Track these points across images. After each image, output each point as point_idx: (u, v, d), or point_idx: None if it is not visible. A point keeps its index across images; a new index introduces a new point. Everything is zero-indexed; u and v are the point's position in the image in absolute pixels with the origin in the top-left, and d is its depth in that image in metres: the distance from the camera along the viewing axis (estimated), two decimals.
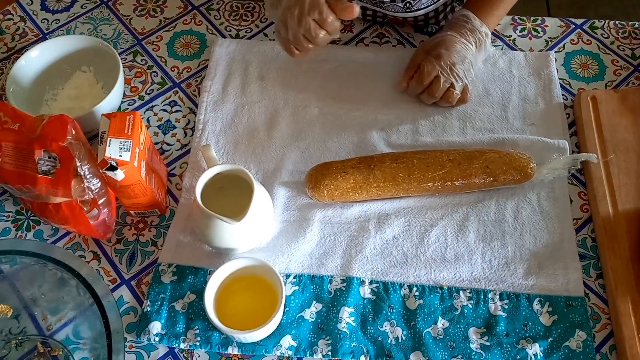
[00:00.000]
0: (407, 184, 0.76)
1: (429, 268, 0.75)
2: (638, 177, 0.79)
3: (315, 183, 0.76)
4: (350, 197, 0.78)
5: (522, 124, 0.86)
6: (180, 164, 0.85)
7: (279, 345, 0.70)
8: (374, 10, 0.94)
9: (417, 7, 0.90)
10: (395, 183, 0.76)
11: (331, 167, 0.77)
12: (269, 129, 0.87)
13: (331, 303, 0.73)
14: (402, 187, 0.76)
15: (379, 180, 0.76)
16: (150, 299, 0.74)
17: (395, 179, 0.76)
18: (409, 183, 0.76)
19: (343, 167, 0.77)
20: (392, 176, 0.76)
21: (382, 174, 0.76)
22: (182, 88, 0.92)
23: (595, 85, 0.90)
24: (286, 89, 0.91)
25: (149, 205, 0.77)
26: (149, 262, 0.77)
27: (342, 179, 0.76)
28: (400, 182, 0.76)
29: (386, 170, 0.76)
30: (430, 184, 0.77)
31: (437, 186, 0.77)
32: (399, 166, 0.76)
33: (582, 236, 0.78)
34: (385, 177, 0.76)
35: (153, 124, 0.89)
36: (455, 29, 0.86)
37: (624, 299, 0.71)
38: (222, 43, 0.96)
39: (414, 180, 0.76)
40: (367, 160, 0.77)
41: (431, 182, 0.76)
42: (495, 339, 0.70)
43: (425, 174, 0.76)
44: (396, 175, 0.76)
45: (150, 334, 0.71)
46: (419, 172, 0.76)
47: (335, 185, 0.76)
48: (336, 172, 0.76)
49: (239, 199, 0.73)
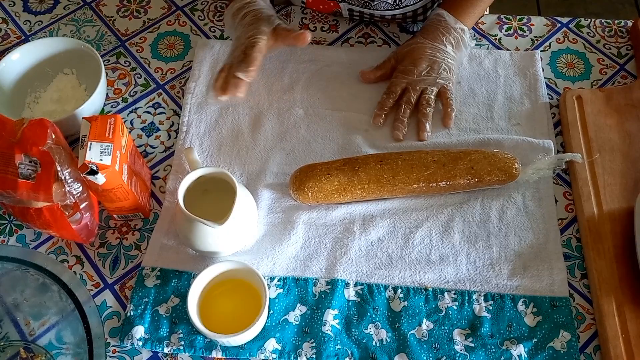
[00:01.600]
0: (391, 185, 0.76)
1: (414, 269, 0.75)
2: (623, 177, 0.79)
3: (300, 185, 0.76)
4: (335, 199, 0.77)
5: (507, 124, 0.86)
6: (164, 166, 0.85)
7: (263, 348, 0.70)
8: (361, 11, 0.94)
9: (406, 3, 0.90)
10: (380, 185, 0.76)
11: (315, 169, 0.77)
12: (253, 130, 0.86)
13: (315, 306, 0.73)
14: (387, 188, 0.77)
15: (364, 181, 0.76)
16: (133, 303, 0.73)
17: (379, 180, 0.76)
18: (393, 184, 0.76)
19: (327, 168, 0.77)
20: (376, 178, 0.76)
21: (367, 175, 0.76)
22: (166, 90, 0.92)
23: (581, 85, 0.90)
24: (271, 90, 0.90)
25: (132, 209, 0.77)
26: (132, 266, 0.77)
27: (326, 181, 0.76)
28: (385, 184, 0.76)
29: (370, 171, 0.76)
30: (415, 185, 0.77)
31: (421, 187, 0.77)
32: (383, 167, 0.76)
33: (567, 236, 0.77)
34: (370, 178, 0.76)
35: (136, 126, 0.88)
36: (427, 34, 0.87)
37: (608, 299, 0.71)
38: (206, 44, 0.95)
39: (399, 181, 0.76)
40: (352, 162, 0.77)
41: (416, 184, 0.76)
42: (480, 340, 0.70)
43: (410, 175, 0.76)
44: (380, 176, 0.76)
45: (133, 338, 0.70)
46: (403, 173, 0.76)
47: (320, 187, 0.76)
48: (320, 174, 0.76)
49: (222, 201, 0.72)
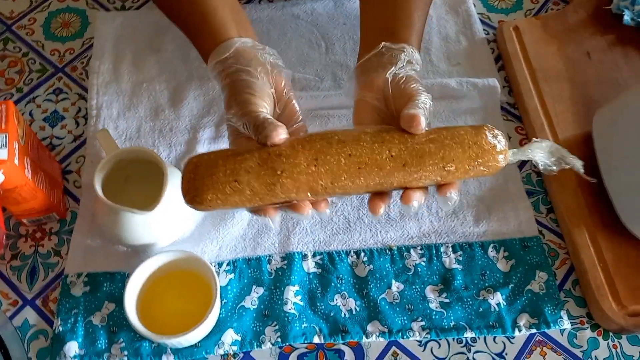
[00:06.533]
0: (329, 192, 0.51)
1: (375, 230, 0.69)
2: (573, 103, 0.76)
3: (194, 196, 0.50)
4: (250, 205, 0.52)
5: (447, 65, 0.81)
6: (75, 158, 0.74)
7: (221, 342, 0.62)
8: None
9: None
10: (314, 193, 0.51)
11: (217, 169, 0.50)
12: (174, 105, 0.77)
13: (273, 285, 0.65)
14: (323, 196, 0.52)
15: (290, 190, 0.50)
16: (61, 317, 0.63)
17: (312, 188, 0.50)
18: (332, 191, 0.51)
19: (234, 171, 0.49)
20: (308, 186, 0.50)
21: (294, 183, 0.50)
22: (67, 73, 0.81)
23: (514, 16, 0.87)
24: (187, 60, 0.81)
25: (44, 210, 0.66)
26: (53, 275, 0.66)
27: (233, 192, 0.49)
28: (321, 192, 0.51)
29: (300, 177, 0.50)
30: (362, 191, 0.52)
31: (369, 190, 0.52)
32: (318, 170, 0.50)
33: (526, 172, 0.74)
34: (299, 186, 0.50)
35: (37, 118, 0.77)
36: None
37: (579, 230, 0.67)
38: (106, 17, 0.84)
39: (339, 188, 0.51)
40: (272, 160, 0.50)
41: (364, 190, 0.52)
42: (455, 294, 0.65)
43: (356, 179, 0.50)
44: (315, 183, 0.50)
45: (67, 357, 0.61)
46: (347, 177, 0.50)
47: (224, 199, 0.50)
48: (224, 181, 0.49)
49: (151, 187, 0.63)
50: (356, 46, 0.81)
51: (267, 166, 0.49)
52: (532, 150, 0.51)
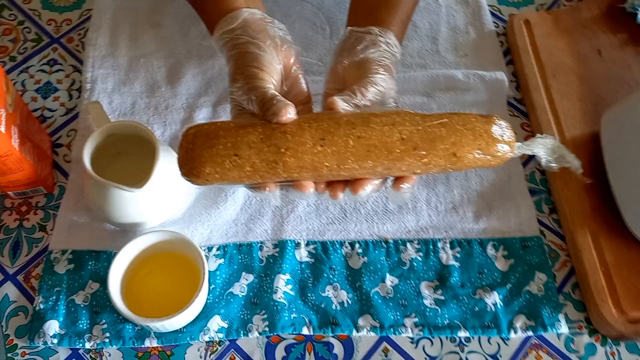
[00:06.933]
0: (334, 175, 0.48)
1: (371, 221, 0.67)
2: (581, 100, 0.73)
3: (191, 169, 0.47)
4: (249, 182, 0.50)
5: (454, 56, 0.79)
6: (67, 131, 0.72)
7: (207, 329, 0.60)
8: None
9: None
10: (318, 174, 0.48)
11: (218, 141, 0.47)
12: (171, 82, 0.75)
13: (264, 272, 0.63)
14: (327, 178, 0.49)
15: (292, 170, 0.47)
16: (42, 294, 0.61)
17: (317, 169, 0.47)
18: (337, 173, 0.48)
19: (235, 144, 0.47)
20: (312, 166, 0.47)
21: (298, 162, 0.47)
22: (63, 44, 0.78)
23: (525, 10, 0.84)
24: (187, 36, 0.78)
25: (31, 183, 0.64)
26: (37, 250, 0.64)
27: (232, 167, 0.47)
28: (326, 174, 0.48)
29: (304, 157, 0.47)
30: (369, 174, 0.49)
31: (377, 175, 0.50)
32: (325, 151, 0.47)
33: (530, 169, 0.71)
34: (303, 166, 0.47)
35: (30, 88, 0.75)
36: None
37: (582, 231, 0.65)
38: None
39: (346, 170, 0.48)
40: (276, 137, 0.47)
41: (371, 172, 0.49)
42: (450, 291, 0.63)
43: (364, 162, 0.47)
44: (320, 164, 0.47)
45: (46, 336, 0.59)
46: (354, 159, 0.47)
47: (222, 174, 0.47)
48: (224, 155, 0.47)
49: (142, 164, 0.61)
50: None
51: (270, 142, 0.47)
52: (535, 145, 0.49)
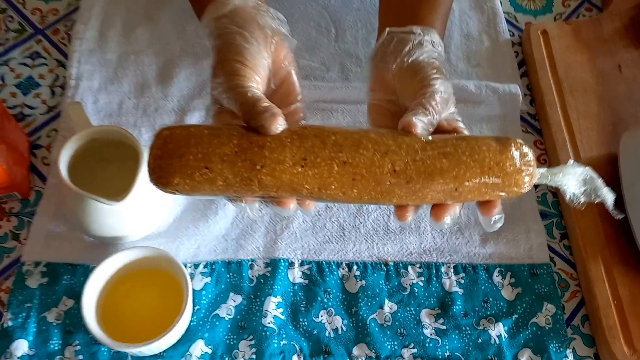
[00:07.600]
0: (315, 198, 0.44)
1: (371, 241, 0.63)
2: (600, 120, 0.69)
3: (159, 177, 0.42)
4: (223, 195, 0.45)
5: (466, 65, 0.75)
6: (47, 131, 0.67)
7: (188, 354, 0.56)
8: None
9: None
10: (297, 194, 0.44)
11: (188, 150, 0.42)
12: (162, 82, 0.70)
13: (253, 294, 0.59)
14: (309, 199, 0.45)
15: (268, 188, 0.42)
16: (11, 310, 0.57)
17: (296, 190, 0.43)
18: (318, 197, 0.44)
19: (207, 156, 0.42)
20: (291, 187, 0.42)
21: (275, 181, 0.42)
22: (47, 36, 0.74)
23: (543, 18, 0.80)
24: (182, 33, 0.74)
25: (4, 187, 0.60)
26: (9, 261, 0.61)
27: (203, 180, 0.42)
28: (305, 196, 0.44)
29: (282, 176, 0.42)
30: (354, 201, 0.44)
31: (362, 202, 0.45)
32: (305, 173, 0.42)
33: (541, 191, 0.67)
34: (280, 186, 0.42)
35: (9, 82, 0.70)
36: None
37: (595, 261, 0.61)
38: None
39: (327, 195, 0.43)
40: (252, 152, 0.42)
41: (356, 201, 0.44)
42: (452, 321, 0.60)
43: (348, 191, 0.43)
44: (299, 186, 0.42)
45: (13, 357, 0.55)
46: (337, 187, 0.42)
47: (192, 186, 0.42)
48: (194, 166, 0.42)
49: (128, 171, 0.56)
50: (369, 35, 0.75)
51: (245, 157, 0.41)
52: (564, 175, 0.43)
